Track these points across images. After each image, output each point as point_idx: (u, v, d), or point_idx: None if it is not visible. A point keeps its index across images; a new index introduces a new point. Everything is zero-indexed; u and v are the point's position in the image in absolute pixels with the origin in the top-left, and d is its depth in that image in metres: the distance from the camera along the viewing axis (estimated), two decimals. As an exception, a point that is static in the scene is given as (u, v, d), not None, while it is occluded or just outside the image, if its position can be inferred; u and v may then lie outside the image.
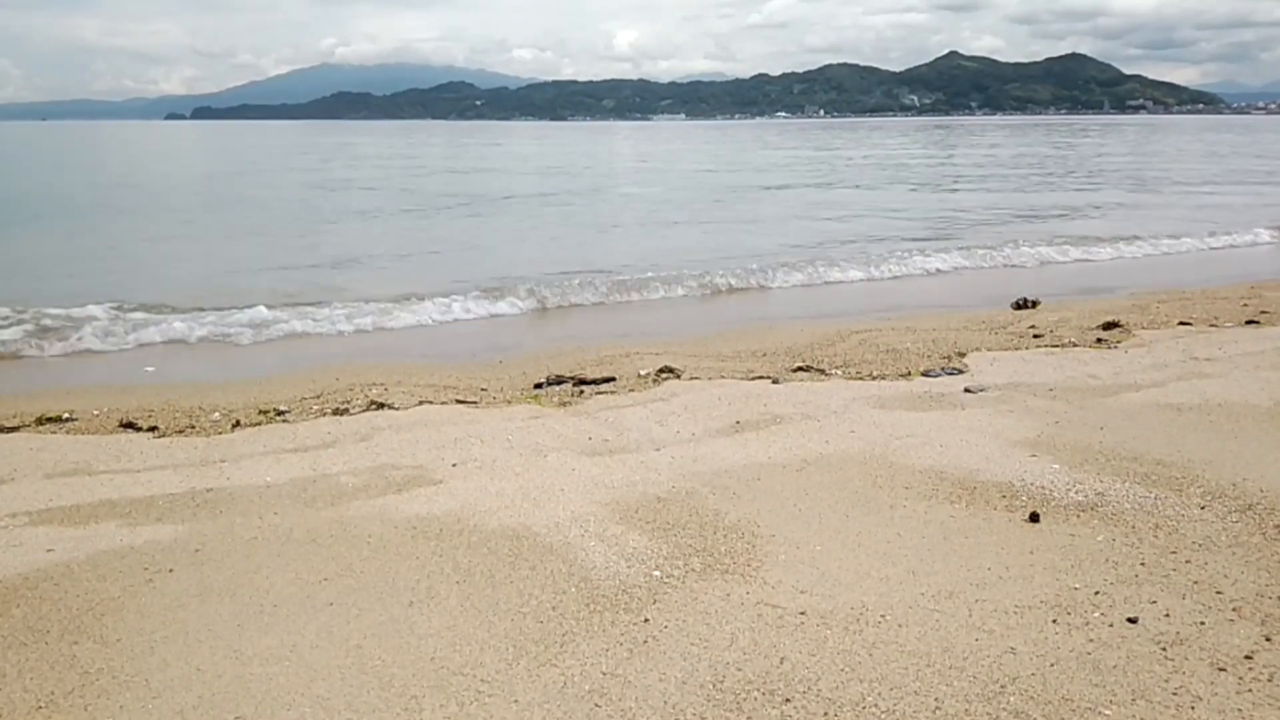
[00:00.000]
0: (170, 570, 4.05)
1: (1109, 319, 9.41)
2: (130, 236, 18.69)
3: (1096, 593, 3.68)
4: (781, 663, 3.22)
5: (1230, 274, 13.45)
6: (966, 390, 6.76)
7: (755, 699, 3.02)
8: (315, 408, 6.86)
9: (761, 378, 7.38)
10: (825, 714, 2.94)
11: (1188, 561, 3.94)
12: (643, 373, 7.65)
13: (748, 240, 17.36)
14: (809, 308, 11.43)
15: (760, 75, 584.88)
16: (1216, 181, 32.11)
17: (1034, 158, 47.57)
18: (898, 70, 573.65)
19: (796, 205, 24.90)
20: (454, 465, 5.36)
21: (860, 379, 7.33)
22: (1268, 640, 3.29)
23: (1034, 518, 4.43)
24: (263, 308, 10.40)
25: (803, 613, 3.56)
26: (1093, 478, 4.94)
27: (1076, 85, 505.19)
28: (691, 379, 7.38)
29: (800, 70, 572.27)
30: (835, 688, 3.07)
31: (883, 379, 7.29)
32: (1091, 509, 4.53)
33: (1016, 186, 30.14)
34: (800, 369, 7.74)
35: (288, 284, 12.67)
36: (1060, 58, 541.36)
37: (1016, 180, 32.87)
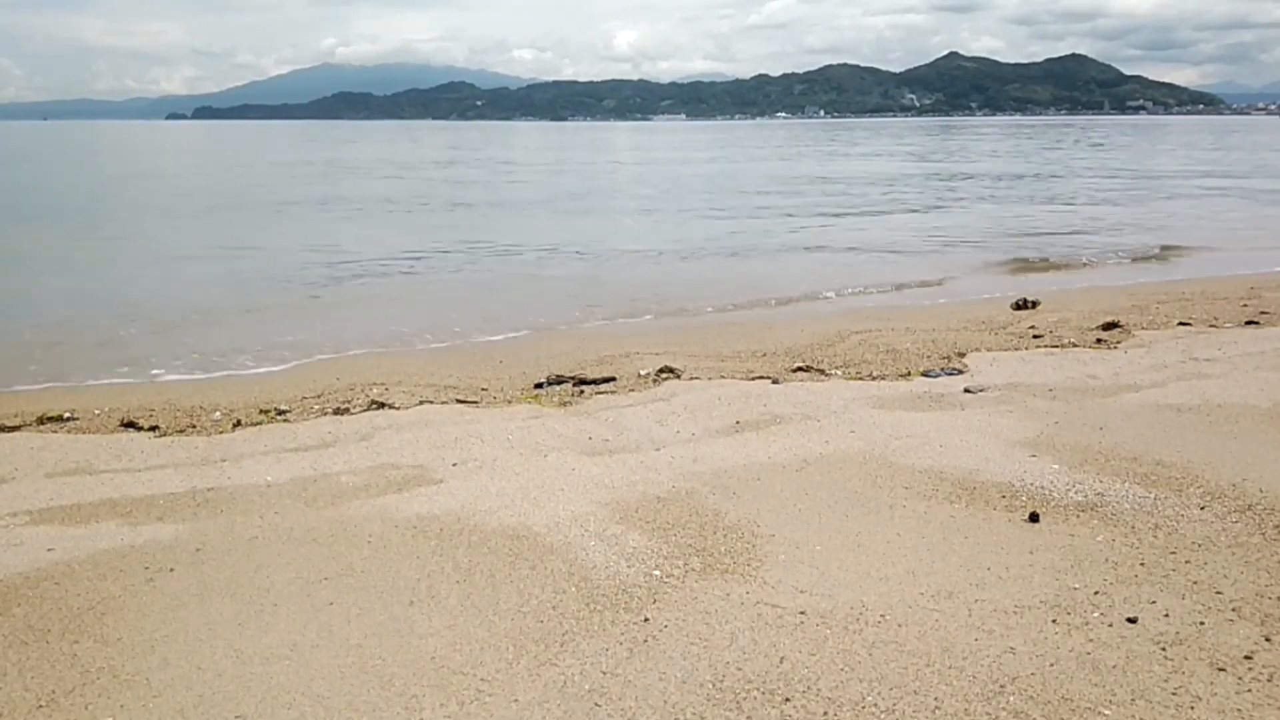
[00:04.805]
0: (171, 569, 4.05)
1: (1108, 319, 9.41)
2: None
3: (1096, 593, 3.68)
4: (781, 662, 3.22)
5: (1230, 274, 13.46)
6: (966, 390, 6.76)
7: (755, 698, 3.02)
8: (316, 407, 6.86)
9: (761, 378, 7.39)
10: (825, 713, 2.94)
11: (1187, 561, 3.94)
12: (643, 373, 7.66)
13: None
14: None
15: (760, 76, 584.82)
16: None
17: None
18: (898, 71, 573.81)
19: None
20: (454, 465, 5.37)
21: (860, 379, 7.33)
22: (1267, 640, 3.30)
23: (1034, 518, 4.43)
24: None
25: (803, 612, 3.56)
26: (1092, 478, 4.94)
27: (1076, 86, 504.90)
28: (691, 379, 7.39)
29: (800, 71, 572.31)
30: (835, 687, 3.07)
31: (883, 379, 7.30)
32: (1091, 509, 4.54)
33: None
34: (800, 369, 7.74)
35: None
36: (1060, 58, 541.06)
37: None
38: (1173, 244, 16.54)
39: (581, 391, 7.16)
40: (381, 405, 6.79)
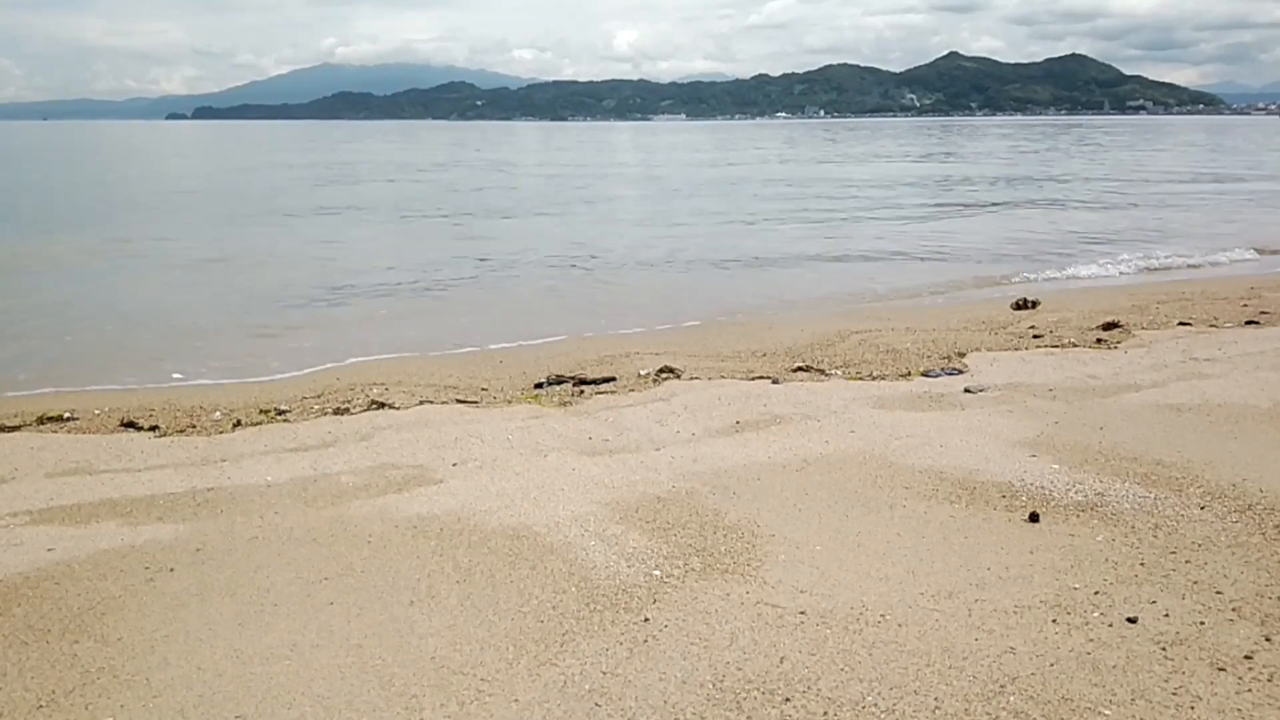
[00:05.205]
0: (171, 569, 4.05)
1: (1109, 319, 9.41)
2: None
3: (1096, 593, 3.68)
4: (781, 662, 3.22)
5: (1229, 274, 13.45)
6: (966, 390, 6.76)
7: (755, 698, 3.02)
8: (316, 407, 6.86)
9: (761, 378, 7.39)
10: (825, 713, 2.94)
11: (1187, 561, 3.94)
12: (643, 373, 7.66)
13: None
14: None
15: (760, 76, 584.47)
16: None
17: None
18: (898, 71, 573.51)
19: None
20: (454, 465, 5.37)
21: (860, 379, 7.33)
22: (1268, 640, 3.30)
23: (1034, 518, 4.43)
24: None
25: (803, 612, 3.56)
26: (1093, 478, 4.94)
27: (1076, 86, 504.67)
28: (691, 379, 7.39)
29: (800, 71, 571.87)
30: (835, 687, 3.07)
31: (883, 379, 7.30)
32: (1091, 509, 4.54)
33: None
34: (800, 369, 7.75)
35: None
36: (1060, 58, 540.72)
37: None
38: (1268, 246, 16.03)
39: (581, 391, 7.16)
40: (381, 405, 6.79)
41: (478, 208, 25.02)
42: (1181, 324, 9.21)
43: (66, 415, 6.71)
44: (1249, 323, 9.28)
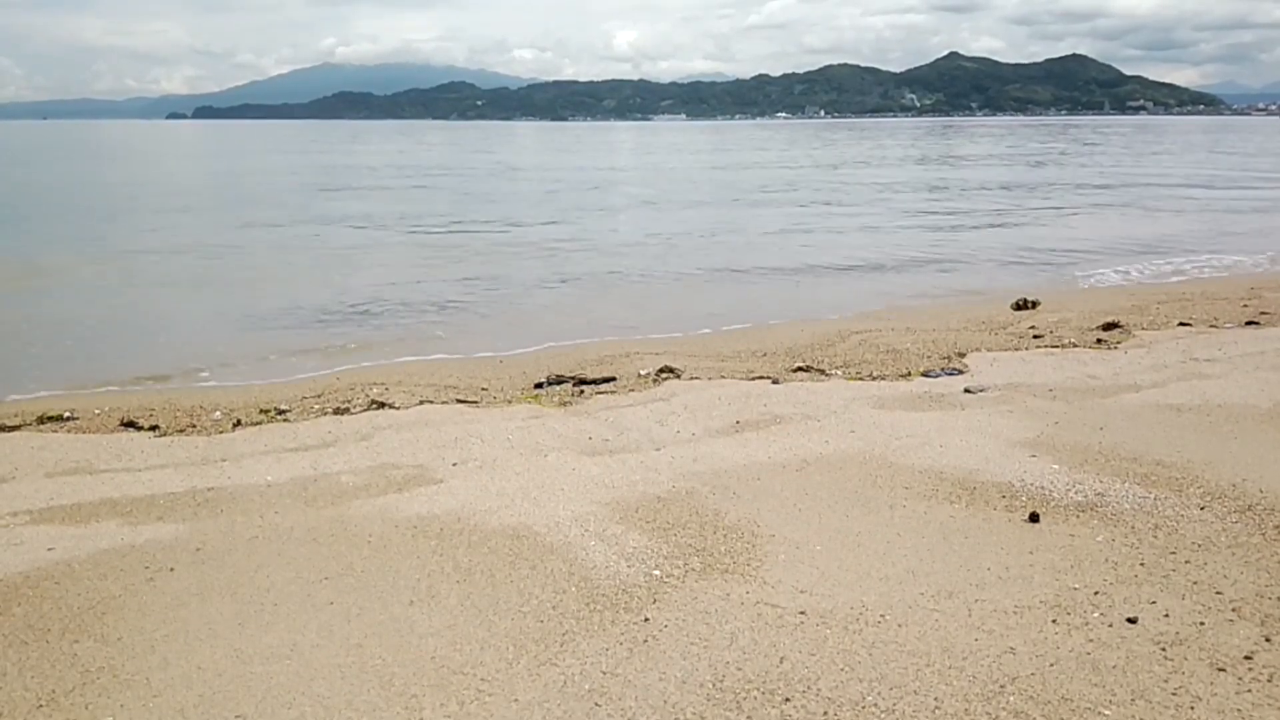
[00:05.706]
0: (171, 569, 4.05)
1: (1109, 319, 9.42)
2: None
3: (1096, 593, 3.68)
4: (781, 662, 3.22)
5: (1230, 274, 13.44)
6: (966, 390, 6.76)
7: (755, 698, 3.02)
8: (316, 407, 6.86)
9: (761, 378, 7.39)
10: (825, 713, 2.94)
11: (1187, 561, 3.94)
12: (643, 373, 7.66)
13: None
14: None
15: (761, 76, 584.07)
16: None
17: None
18: (898, 71, 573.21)
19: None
20: (454, 465, 5.37)
21: (860, 379, 7.33)
22: (1267, 640, 3.30)
23: (1034, 518, 4.43)
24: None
25: (803, 612, 3.56)
26: (1092, 478, 4.94)
27: (1076, 86, 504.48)
28: (691, 379, 7.39)
29: (800, 71, 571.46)
30: (835, 687, 3.07)
31: (883, 379, 7.30)
32: (1091, 509, 4.54)
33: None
34: (800, 369, 7.75)
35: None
36: (1060, 58, 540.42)
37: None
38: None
39: (581, 391, 7.17)
40: (382, 405, 6.79)
41: (478, 212, 24.98)
42: (1181, 324, 9.21)
43: (66, 415, 6.71)
44: (1249, 323, 9.28)
